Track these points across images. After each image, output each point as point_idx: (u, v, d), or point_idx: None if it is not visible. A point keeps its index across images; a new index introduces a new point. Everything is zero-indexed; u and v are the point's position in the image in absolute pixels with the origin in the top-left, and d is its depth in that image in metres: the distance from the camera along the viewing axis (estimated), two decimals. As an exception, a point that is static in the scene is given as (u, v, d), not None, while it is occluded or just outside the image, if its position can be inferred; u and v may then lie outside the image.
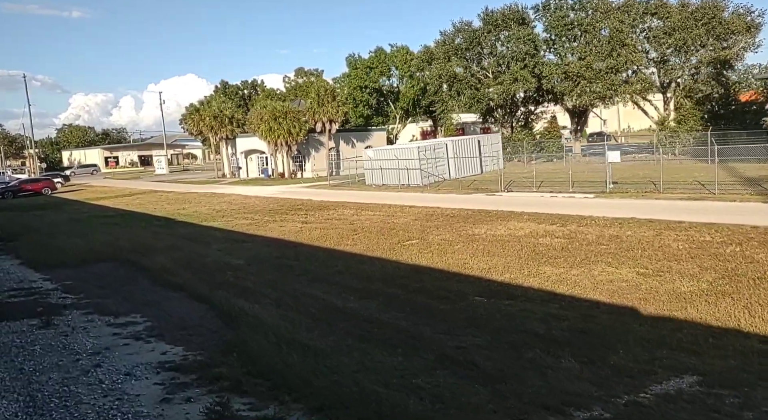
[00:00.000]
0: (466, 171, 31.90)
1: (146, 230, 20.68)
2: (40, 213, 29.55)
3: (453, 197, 23.90)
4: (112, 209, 29.67)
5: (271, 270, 12.68)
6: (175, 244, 17.15)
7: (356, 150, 49.20)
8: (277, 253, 14.88)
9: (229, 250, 15.82)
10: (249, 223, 21.47)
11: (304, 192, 32.68)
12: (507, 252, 12.04)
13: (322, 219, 20.76)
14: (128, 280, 12.63)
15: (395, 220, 18.47)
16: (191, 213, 26.01)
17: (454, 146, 31.79)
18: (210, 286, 11.23)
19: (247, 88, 68.31)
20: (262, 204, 27.71)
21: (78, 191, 47.84)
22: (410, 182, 30.66)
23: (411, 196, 25.64)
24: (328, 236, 16.62)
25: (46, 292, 11.92)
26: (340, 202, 25.18)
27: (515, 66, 34.89)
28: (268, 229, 19.44)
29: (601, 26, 32.27)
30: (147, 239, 18.21)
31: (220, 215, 24.41)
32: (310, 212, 22.97)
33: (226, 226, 21.18)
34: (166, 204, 31.17)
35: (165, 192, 40.12)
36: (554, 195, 20.79)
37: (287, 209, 24.62)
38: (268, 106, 45.04)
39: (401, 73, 50.52)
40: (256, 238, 17.87)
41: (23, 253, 16.76)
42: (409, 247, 13.80)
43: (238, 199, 30.89)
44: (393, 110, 52.06)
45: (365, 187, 32.77)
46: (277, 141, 43.90)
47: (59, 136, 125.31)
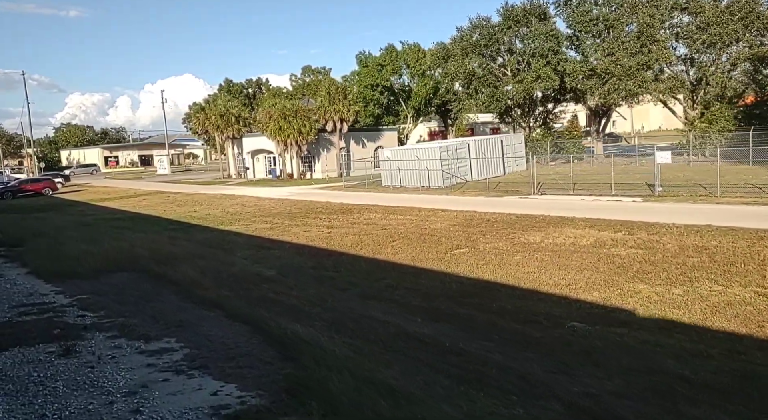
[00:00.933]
0: (488, 172, 30.58)
1: (161, 235, 19.31)
2: (43, 215, 28.14)
3: (483, 200, 22.57)
4: (119, 211, 28.28)
5: (312, 283, 11.34)
6: (195, 251, 15.79)
7: (367, 150, 47.94)
8: (311, 262, 13.54)
9: (256, 259, 14.48)
10: (270, 227, 20.12)
11: (319, 194, 31.34)
12: (581, 265, 10.73)
13: (349, 223, 19.43)
14: (152, 294, 11.26)
15: (431, 225, 17.14)
16: (204, 216, 24.65)
17: (477, 146, 30.48)
18: (248, 303, 9.88)
19: (251, 87, 66.93)
20: (278, 206, 26.36)
21: (80, 192, 46.41)
22: (430, 184, 29.34)
23: (436, 199, 24.31)
24: (363, 243, 15.28)
25: (62, 309, 10.54)
26: (362, 205, 23.84)
27: (537, 63, 33.60)
28: (292, 235, 18.10)
29: (628, 21, 31.00)
30: (164, 245, 16.84)
31: (236, 218, 23.06)
32: (332, 216, 21.63)
33: (245, 230, 19.83)
34: (176, 206, 29.80)
35: (171, 193, 38.73)
36: (596, 198, 19.49)
37: (307, 212, 23.28)
38: (278, 104, 43.68)
39: (413, 71, 49.17)
40: (282, 244, 16.53)
41: (30, 260, 15.37)
42: (460, 257, 12.48)
43: (251, 201, 29.52)
44: (404, 109, 50.71)
45: (382, 189, 31.43)
46: (287, 141, 42.53)
47: (57, 136, 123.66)
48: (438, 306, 8.97)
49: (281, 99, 46.03)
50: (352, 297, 9.98)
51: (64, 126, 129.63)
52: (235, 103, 52.23)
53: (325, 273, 12.21)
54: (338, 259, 13.60)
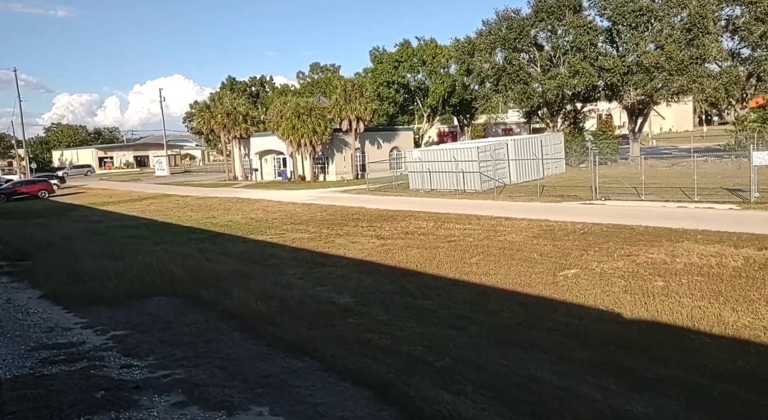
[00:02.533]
0: (526, 175, 28.43)
1: (188, 246, 16.94)
2: (44, 222, 25.59)
3: (541, 207, 20.40)
4: (129, 217, 25.80)
5: (408, 317, 9.06)
6: (237, 269, 13.46)
7: (382, 151, 45.72)
8: (388, 285, 11.26)
9: (316, 279, 12.17)
10: (309, 237, 17.81)
11: (344, 198, 29.03)
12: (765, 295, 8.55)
13: (400, 233, 17.16)
14: (209, 330, 8.94)
15: (504, 237, 14.91)
16: (227, 223, 22.28)
17: (516, 147, 28.31)
18: (347, 349, 7.60)
19: (255, 85, 64.42)
20: (306, 212, 24.02)
21: (78, 194, 43.74)
22: (466, 187, 27.13)
23: (483, 205, 22.10)
24: (436, 259, 13.03)
25: (97, 354, 8.18)
26: (403, 212, 21.58)
27: (573, 58, 31.52)
28: (340, 247, 15.80)
29: (674, 12, 28.97)
30: (197, 260, 14.48)
31: (265, 226, 20.71)
32: (375, 224, 19.35)
33: (282, 241, 17.50)
34: (190, 211, 27.36)
35: (179, 196, 36.24)
36: (681, 205, 17.36)
37: (342, 219, 20.98)
38: (291, 102, 41.33)
39: (429, 68, 46.91)
40: (336, 259, 14.23)
41: (42, 280, 12.95)
42: (577, 281, 10.26)
43: (272, 206, 27.15)
44: (420, 108, 48.49)
45: (412, 193, 29.18)
46: (301, 140, 40.16)
47: (49, 136, 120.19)
48: (618, 361, 6.71)
49: (293, 97, 43.61)
50: (478, 341, 7.71)
51: (54, 126, 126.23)
52: (242, 101, 49.72)
53: (415, 301, 9.94)
54: (419, 281, 11.33)
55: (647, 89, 29.93)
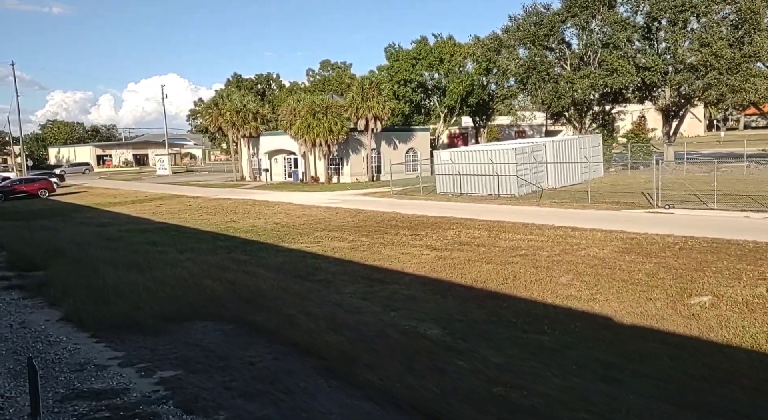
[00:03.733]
0: (565, 179, 26.76)
1: (218, 256, 15.11)
2: (49, 224, 23.68)
3: (597, 215, 18.70)
4: (142, 220, 23.92)
5: (532, 359, 7.27)
6: (285, 285, 11.66)
7: (398, 152, 43.98)
8: (475, 310, 9.49)
9: (383, 301, 10.38)
10: (350, 246, 16.02)
11: (369, 202, 27.24)
12: None
13: (453, 243, 15.41)
14: (284, 373, 7.13)
15: (583, 251, 13.18)
16: (250, 228, 20.45)
17: (555, 149, 26.62)
18: (481, 411, 5.82)
19: (261, 83, 62.50)
20: (334, 217, 22.22)
21: (79, 194, 41.76)
22: (501, 192, 25.41)
23: (530, 211, 20.39)
24: (517, 277, 11.26)
25: (149, 409, 6.33)
26: (444, 218, 19.83)
27: (610, 56, 29.84)
28: (391, 259, 14.03)
29: (719, 9, 27.38)
30: (235, 274, 12.67)
31: (295, 233, 18.90)
32: (418, 232, 17.59)
33: (321, 250, 15.70)
34: (206, 214, 25.49)
35: (188, 197, 34.35)
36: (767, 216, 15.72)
37: (379, 226, 19.20)
38: (305, 99, 39.50)
39: (447, 66, 45.16)
40: (395, 274, 12.45)
41: (60, 297, 11.11)
42: (722, 314, 8.50)
43: (294, 210, 25.32)
44: (437, 108, 46.74)
45: (442, 197, 27.45)
46: (316, 140, 38.34)
47: (45, 132, 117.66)
48: None
49: (306, 94, 41.77)
50: (660, 405, 5.90)
51: (50, 123, 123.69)
52: (251, 98, 47.84)
53: (525, 336, 8.18)
54: (512, 306, 9.58)
55: (692, 89, 28.28)
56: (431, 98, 47.33)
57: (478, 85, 44.54)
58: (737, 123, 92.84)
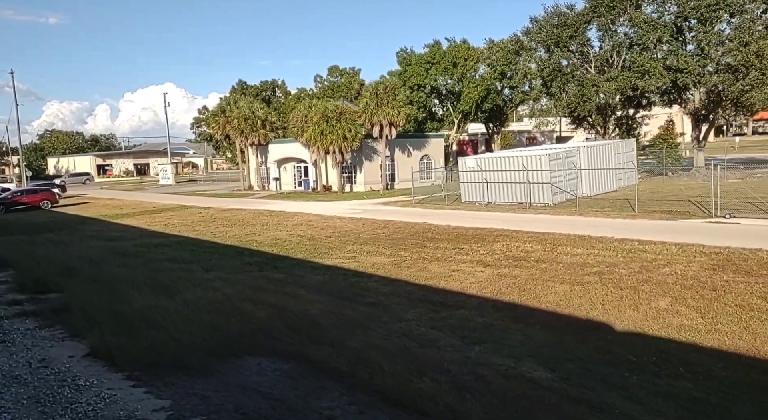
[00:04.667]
0: (600, 186, 25.47)
1: (249, 275, 13.74)
2: (56, 238, 22.27)
3: (653, 225, 17.39)
4: (154, 234, 22.52)
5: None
6: (335, 310, 10.28)
7: (412, 159, 42.73)
8: (575, 344, 8.13)
9: (457, 330, 9.01)
10: (391, 262, 14.66)
11: (393, 212, 25.92)
12: None
13: (506, 258, 14.07)
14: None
15: (665, 268, 11.83)
16: (274, 242, 19.08)
17: (589, 154, 25.35)
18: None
19: (267, 90, 61.27)
20: (362, 228, 20.87)
21: (83, 205, 40.33)
22: (533, 200, 24.10)
23: (578, 222, 19.08)
24: (603, 300, 9.91)
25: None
26: (484, 230, 18.49)
27: (640, 57, 28.67)
28: (442, 277, 12.68)
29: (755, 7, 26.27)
30: (274, 296, 11.30)
31: (325, 246, 17.53)
32: (461, 245, 16.24)
33: (361, 267, 14.33)
34: (222, 226, 24.10)
35: (199, 208, 32.96)
36: None
37: (415, 239, 17.85)
38: (317, 105, 38.26)
39: (461, 70, 43.97)
40: (456, 296, 11.08)
41: (83, 326, 9.70)
42: None
43: (316, 221, 23.95)
44: (451, 113, 45.51)
45: (469, 206, 26.14)
46: (329, 147, 37.05)
47: (43, 142, 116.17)
48: None
49: (318, 100, 40.51)
50: None
51: (48, 132, 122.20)
52: (259, 105, 46.58)
53: (660, 381, 6.82)
54: (619, 339, 8.22)
55: (731, 91, 27.08)
56: (445, 104, 46.13)
57: (493, 90, 43.38)
58: (740, 129, 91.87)
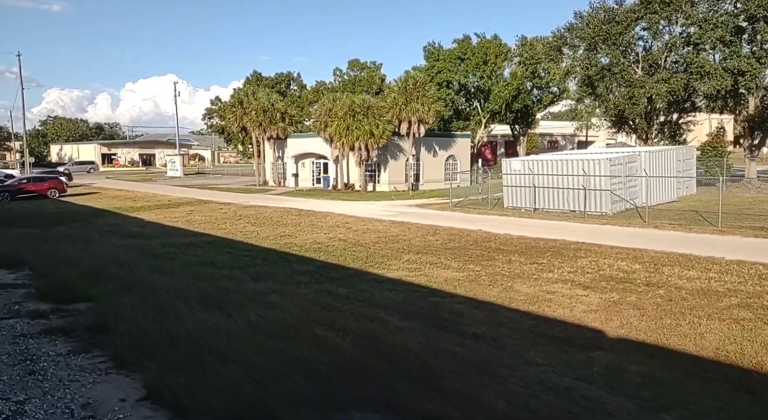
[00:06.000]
0: (661, 196, 23.60)
1: (306, 288, 11.82)
2: (69, 232, 20.32)
3: (759, 244, 15.51)
4: (179, 231, 20.57)
5: None
6: (437, 343, 8.38)
7: (438, 159, 40.88)
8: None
9: (609, 382, 7.10)
10: (464, 277, 12.76)
11: (432, 215, 24.04)
12: None
13: (604, 278, 12.19)
14: None
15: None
16: (315, 246, 17.15)
17: (651, 160, 23.47)
18: None
19: (282, 82, 59.22)
20: (410, 234, 18.95)
21: (92, 195, 38.34)
22: (589, 208, 22.22)
23: (657, 236, 17.21)
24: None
25: None
26: (555, 241, 16.61)
27: (698, 57, 26.79)
28: (536, 300, 10.79)
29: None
30: (355, 321, 9.37)
31: (376, 254, 15.61)
32: (538, 260, 14.37)
33: (432, 282, 12.42)
34: (250, 224, 22.17)
35: (217, 203, 31.00)
36: None
37: (476, 248, 15.96)
38: (342, 99, 36.30)
39: (491, 68, 41.98)
40: (573, 329, 9.19)
41: (131, 353, 7.74)
42: None
43: (353, 223, 22.02)
44: (479, 112, 43.55)
45: (513, 211, 24.28)
46: (355, 144, 35.12)
47: (46, 128, 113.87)
48: None
49: (345, 93, 38.54)
50: None
51: (51, 119, 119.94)
52: (278, 97, 44.61)
53: None
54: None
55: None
56: (472, 102, 44.19)
57: (523, 90, 41.49)
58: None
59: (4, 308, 10.62)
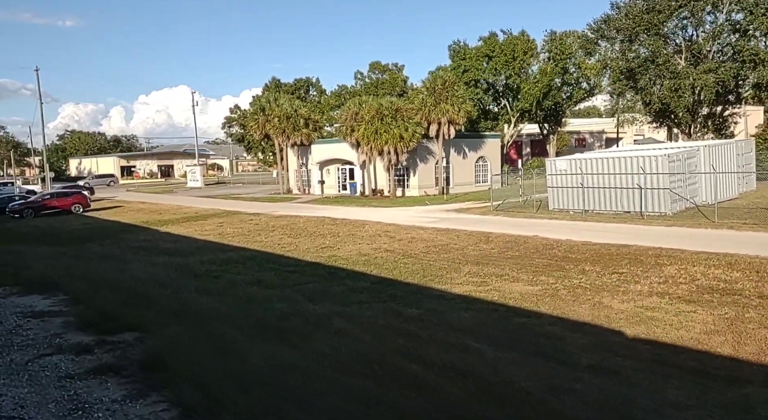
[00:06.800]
0: (722, 193, 22.06)
1: (370, 309, 10.59)
2: (100, 250, 19.44)
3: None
4: (214, 246, 19.51)
5: None
6: (551, 380, 7.10)
7: (468, 161, 39.59)
8: None
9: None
10: (539, 292, 11.46)
11: (477, 221, 22.75)
12: None
13: (707, 290, 10.80)
14: None
15: None
16: (361, 259, 15.95)
17: (711, 155, 21.98)
18: None
19: (301, 88, 58.36)
20: (461, 243, 17.69)
21: (116, 209, 37.64)
22: (646, 208, 20.76)
23: (732, 238, 15.73)
24: None
25: None
26: (624, 246, 15.23)
27: (750, 45, 25.22)
28: (638, 318, 9.46)
29: None
30: (444, 352, 8.13)
31: (432, 267, 14.37)
32: (614, 268, 13.02)
33: (506, 298, 11.12)
34: (286, 236, 21.07)
35: (246, 214, 30.02)
36: None
37: (539, 257, 14.65)
38: (369, 102, 35.23)
39: (520, 64, 40.56)
40: (705, 357, 7.86)
41: (198, 400, 6.59)
42: None
43: (395, 232, 20.82)
44: (508, 111, 42.16)
45: (561, 214, 22.90)
46: (384, 148, 33.98)
47: (64, 142, 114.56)
48: None
49: (370, 97, 37.46)
50: None
51: (68, 133, 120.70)
52: (300, 103, 43.65)
53: None
54: None
55: None
56: (500, 101, 42.81)
57: (554, 87, 40.06)
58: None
59: (44, 342, 9.58)
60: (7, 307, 11.73)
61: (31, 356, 8.82)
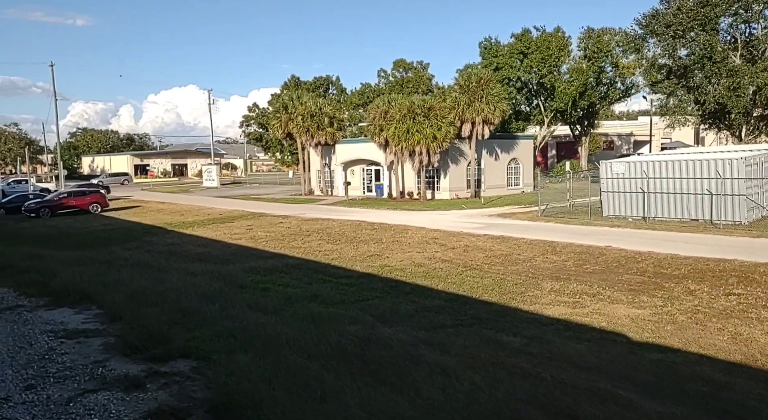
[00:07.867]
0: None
1: (456, 334, 8.96)
2: (128, 254, 17.91)
3: None
4: (252, 253, 17.95)
5: None
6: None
7: (500, 162, 37.85)
8: None
9: None
10: (652, 316, 9.82)
11: (526, 227, 21.11)
12: None
13: None
14: None
15: None
16: (420, 270, 14.36)
17: (788, 160, 20.23)
18: None
19: (321, 86, 56.87)
20: (525, 253, 16.04)
21: (134, 209, 36.23)
22: (717, 216, 19.03)
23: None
24: None
25: None
26: (723, 262, 13.54)
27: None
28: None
29: None
30: (589, 403, 6.45)
31: (505, 282, 12.75)
32: (725, 287, 11.38)
33: (615, 325, 9.50)
34: (324, 242, 19.50)
35: (273, 216, 28.49)
36: None
37: (625, 272, 13.00)
38: (399, 100, 33.62)
39: (555, 62, 38.80)
40: None
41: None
42: None
43: (444, 239, 19.19)
44: (541, 111, 40.44)
45: (618, 221, 21.19)
46: (415, 148, 32.37)
47: (77, 140, 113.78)
48: None
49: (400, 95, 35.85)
50: None
51: (80, 131, 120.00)
52: (322, 101, 42.13)
53: None
54: None
55: None
56: (533, 100, 41.11)
57: (590, 86, 38.33)
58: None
59: (84, 372, 7.87)
60: (36, 324, 10.16)
61: (72, 392, 7.17)
